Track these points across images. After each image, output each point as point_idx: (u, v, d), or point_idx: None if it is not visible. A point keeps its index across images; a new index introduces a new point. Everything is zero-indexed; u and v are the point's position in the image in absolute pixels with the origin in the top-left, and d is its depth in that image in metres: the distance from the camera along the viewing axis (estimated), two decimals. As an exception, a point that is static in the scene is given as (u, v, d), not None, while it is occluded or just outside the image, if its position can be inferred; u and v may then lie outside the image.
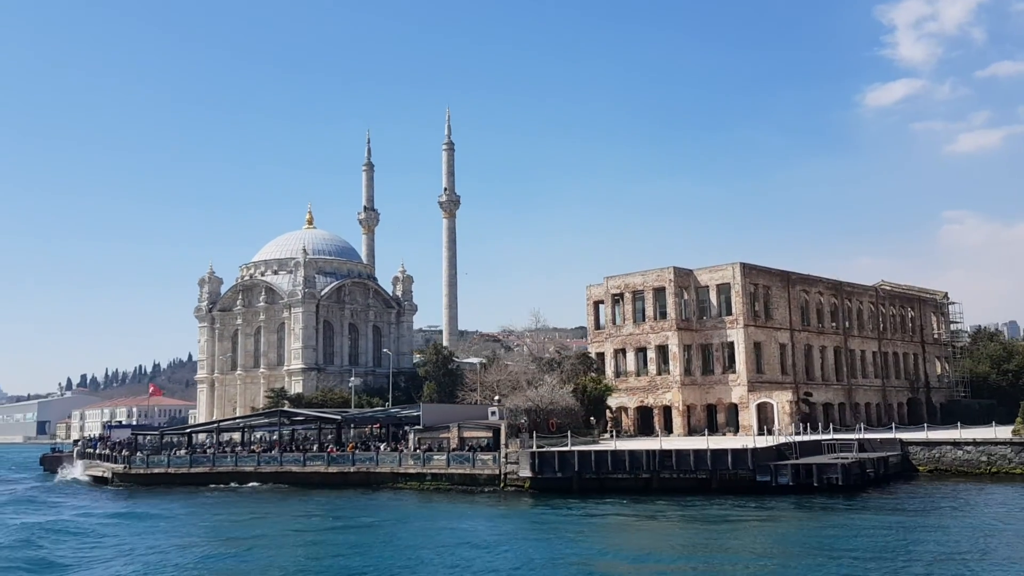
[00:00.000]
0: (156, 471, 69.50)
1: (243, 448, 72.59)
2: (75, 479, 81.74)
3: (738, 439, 62.10)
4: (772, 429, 68.24)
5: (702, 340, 78.40)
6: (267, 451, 69.55)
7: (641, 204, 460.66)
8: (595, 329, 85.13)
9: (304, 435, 77.18)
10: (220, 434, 77.62)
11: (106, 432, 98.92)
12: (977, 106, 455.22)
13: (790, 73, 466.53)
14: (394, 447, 63.23)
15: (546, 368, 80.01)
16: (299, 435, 76.94)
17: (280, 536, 41.87)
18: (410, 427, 64.71)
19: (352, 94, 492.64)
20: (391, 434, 67.58)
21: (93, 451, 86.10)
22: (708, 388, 77.50)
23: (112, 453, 76.51)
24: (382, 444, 64.94)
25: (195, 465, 68.66)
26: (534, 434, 56.55)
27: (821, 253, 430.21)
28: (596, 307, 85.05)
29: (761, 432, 67.06)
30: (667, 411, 77.35)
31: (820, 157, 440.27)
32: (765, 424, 70.92)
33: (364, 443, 67.95)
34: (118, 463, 72.74)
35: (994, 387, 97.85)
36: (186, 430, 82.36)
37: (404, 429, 66.14)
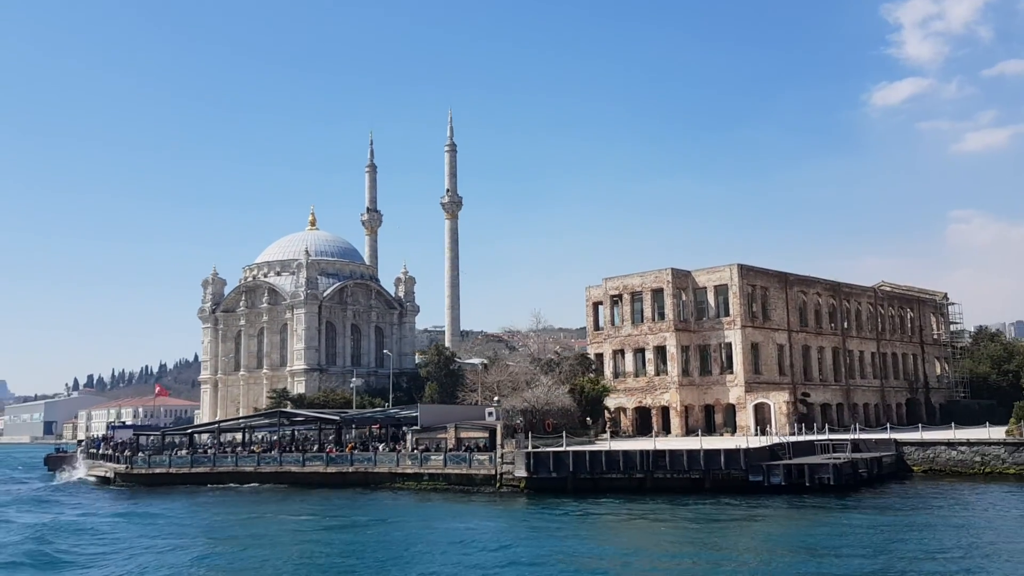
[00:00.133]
0: (158, 471, 70.16)
1: (243, 448, 73.21)
2: (79, 479, 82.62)
3: (735, 439, 62.45)
4: (769, 429, 68.55)
5: (700, 341, 78.79)
6: (267, 451, 70.15)
7: (645, 203, 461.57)
8: (594, 330, 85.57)
9: (305, 436, 77.75)
10: (221, 434, 78.29)
11: (109, 432, 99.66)
12: (984, 105, 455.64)
13: (797, 72, 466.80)
14: (392, 447, 63.79)
15: (545, 369, 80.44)
16: (300, 436, 77.52)
17: (278, 535, 42.37)
18: (408, 428, 65.28)
19: (355, 95, 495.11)
20: (390, 435, 68.09)
21: (96, 451, 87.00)
22: (706, 389, 77.88)
23: (115, 453, 77.25)
24: (380, 444, 65.50)
25: (196, 465, 69.30)
26: (529, 434, 57.04)
27: (827, 253, 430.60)
28: (595, 308, 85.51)
29: (759, 432, 67.49)
30: (665, 411, 77.73)
31: (826, 156, 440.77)
32: (763, 425, 71.35)
33: (364, 444, 68.51)
34: (120, 463, 73.46)
35: (994, 387, 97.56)
36: (187, 430, 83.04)
37: (402, 430, 66.68)
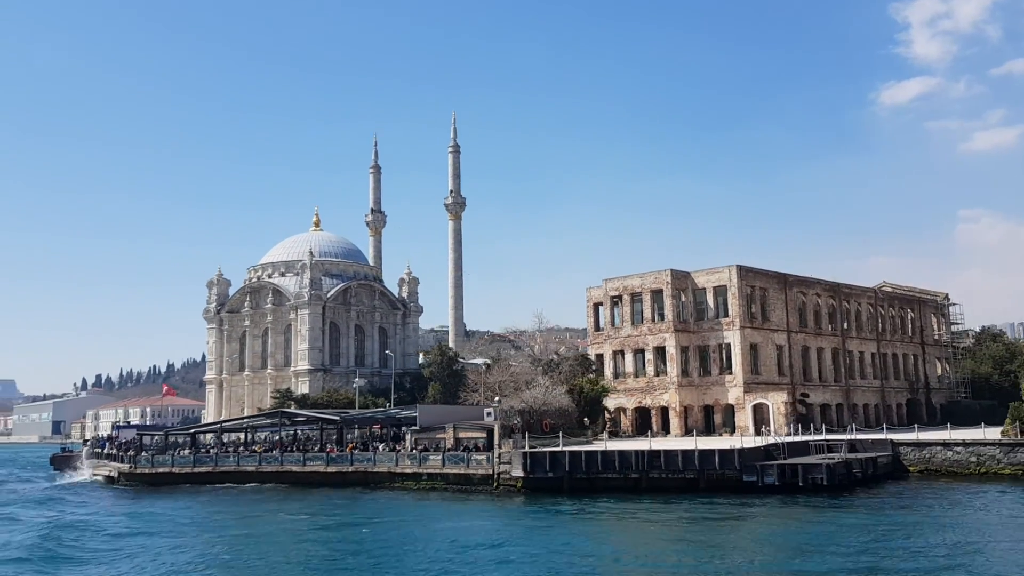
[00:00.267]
0: (160, 471, 70.87)
1: (245, 448, 73.86)
2: (83, 479, 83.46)
3: (733, 440, 62.81)
4: (768, 430, 68.85)
5: (699, 342, 79.14)
6: (268, 451, 70.78)
7: (646, 203, 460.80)
8: (594, 331, 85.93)
9: (307, 436, 78.37)
10: (224, 434, 78.97)
11: (114, 432, 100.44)
12: (992, 104, 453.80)
13: (804, 71, 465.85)
14: (392, 447, 64.35)
15: (545, 369, 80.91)
16: (302, 436, 78.15)
17: (277, 534, 43.00)
18: (408, 428, 65.83)
19: (358, 96, 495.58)
20: (390, 435, 68.65)
21: (101, 451, 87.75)
22: (705, 389, 78.23)
23: (119, 453, 78.01)
24: (380, 444, 66.06)
25: (198, 465, 69.97)
26: (526, 435, 57.52)
27: (834, 253, 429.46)
28: (595, 309, 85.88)
29: (758, 433, 67.81)
30: (664, 412, 78.08)
31: (833, 156, 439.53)
32: (762, 425, 71.67)
33: (365, 444, 69.08)
34: (124, 463, 74.21)
35: (996, 388, 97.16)
36: (190, 430, 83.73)
37: (402, 429, 67.23)
